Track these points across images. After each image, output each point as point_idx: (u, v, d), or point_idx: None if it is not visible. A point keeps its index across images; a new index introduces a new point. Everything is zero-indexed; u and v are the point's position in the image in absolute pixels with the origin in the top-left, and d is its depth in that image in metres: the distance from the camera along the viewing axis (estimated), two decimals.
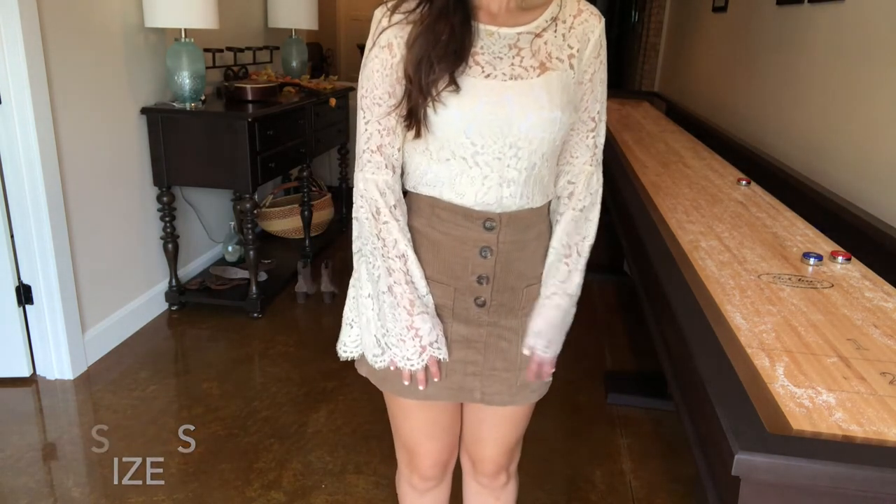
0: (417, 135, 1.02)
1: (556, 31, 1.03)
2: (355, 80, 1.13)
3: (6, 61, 2.14)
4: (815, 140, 2.78)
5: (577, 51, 1.04)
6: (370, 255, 1.08)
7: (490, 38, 1.01)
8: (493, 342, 1.13)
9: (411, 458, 1.28)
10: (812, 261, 1.60)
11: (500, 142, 1.01)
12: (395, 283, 1.05)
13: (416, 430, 1.23)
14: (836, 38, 2.67)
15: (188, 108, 2.78)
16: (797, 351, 1.17)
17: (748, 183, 2.39)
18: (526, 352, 1.12)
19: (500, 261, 1.08)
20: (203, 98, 2.87)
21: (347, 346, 1.20)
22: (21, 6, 2.10)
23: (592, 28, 1.05)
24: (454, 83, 0.98)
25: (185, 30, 2.75)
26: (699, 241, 1.75)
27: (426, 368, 1.09)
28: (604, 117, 1.11)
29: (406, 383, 1.10)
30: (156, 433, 2.16)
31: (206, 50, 3.05)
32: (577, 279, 1.11)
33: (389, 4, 1.03)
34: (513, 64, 1.00)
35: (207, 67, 2.98)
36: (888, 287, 1.48)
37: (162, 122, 2.78)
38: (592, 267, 1.20)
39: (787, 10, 3.20)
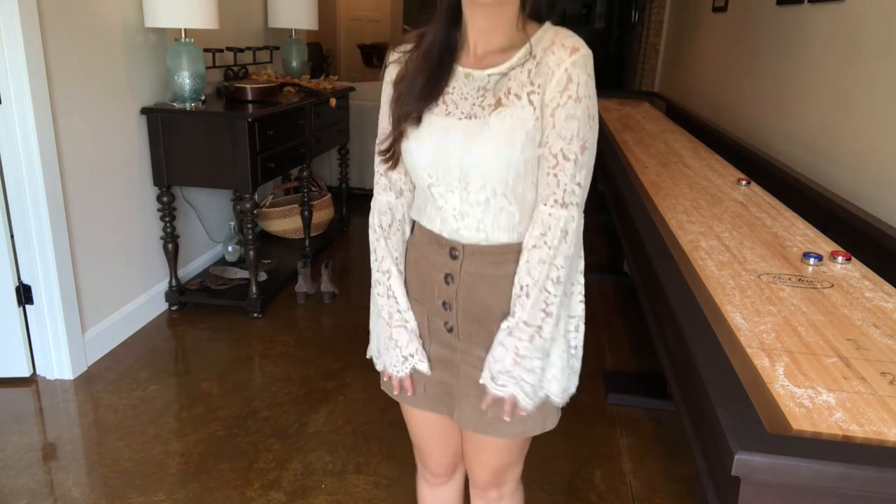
0: (392, 166, 1.13)
1: (523, 66, 1.03)
2: (355, 80, 1.21)
3: (6, 61, 2.14)
4: (814, 140, 2.78)
5: (539, 86, 1.00)
6: (372, 265, 1.19)
7: (466, 79, 1.07)
8: (466, 370, 1.14)
9: (420, 456, 1.37)
10: (812, 261, 1.60)
11: (450, 176, 1.06)
12: (379, 294, 1.17)
13: (418, 431, 1.31)
14: (836, 38, 2.67)
15: (188, 108, 2.78)
16: (797, 351, 1.17)
17: (748, 183, 2.39)
18: (481, 381, 1.10)
19: (461, 290, 1.11)
20: (203, 98, 2.87)
21: (371, 347, 1.30)
22: (21, 6, 2.10)
23: (559, 61, 0.99)
24: (418, 119, 1.06)
25: (185, 30, 2.75)
26: (699, 241, 1.75)
27: (408, 377, 1.18)
28: (575, 158, 1.01)
29: (385, 380, 1.22)
30: (156, 433, 2.17)
31: (206, 50, 3.05)
32: (521, 318, 1.04)
33: (393, 42, 1.15)
34: (474, 104, 1.04)
35: (207, 67, 2.98)
36: (888, 287, 1.48)
37: (162, 122, 2.77)
38: (592, 267, 1.20)
39: (787, 10, 3.20)
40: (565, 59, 0.99)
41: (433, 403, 1.20)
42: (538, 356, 1.06)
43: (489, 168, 1.02)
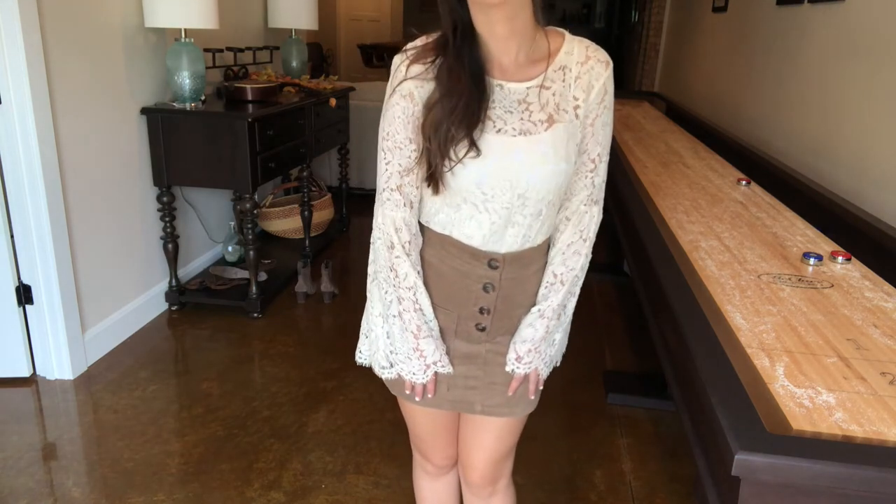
0: (436, 192, 1.07)
1: (563, 80, 1.06)
2: (355, 80, 1.18)
3: (6, 61, 2.14)
4: (815, 140, 2.78)
5: (583, 101, 1.06)
6: (384, 282, 1.15)
7: (501, 91, 1.05)
8: (492, 358, 1.19)
9: (423, 450, 1.39)
10: (812, 261, 1.60)
11: (510, 193, 1.05)
12: (404, 310, 1.13)
13: (423, 430, 1.34)
14: (836, 38, 2.67)
15: (188, 108, 2.78)
16: (797, 351, 1.17)
17: (748, 183, 2.39)
18: (507, 368, 1.17)
19: (500, 295, 1.15)
20: (203, 98, 2.87)
21: (363, 354, 1.30)
22: (21, 6, 2.10)
23: (598, 76, 1.06)
24: (475, 148, 1.01)
25: (185, 30, 2.75)
26: (699, 241, 1.75)
27: (431, 380, 1.19)
28: (605, 158, 1.13)
29: (408, 392, 1.20)
30: (156, 433, 2.16)
31: (206, 50, 3.04)
32: (554, 302, 1.14)
33: (408, 53, 1.07)
34: (522, 118, 1.04)
35: (207, 67, 2.98)
36: (888, 287, 1.48)
37: (162, 122, 2.77)
38: (592, 267, 1.22)
39: (787, 10, 3.20)
40: (602, 73, 1.07)
41: (453, 403, 1.22)
42: (560, 330, 1.18)
43: (550, 183, 1.06)
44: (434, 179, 1.05)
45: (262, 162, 2.88)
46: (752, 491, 0.91)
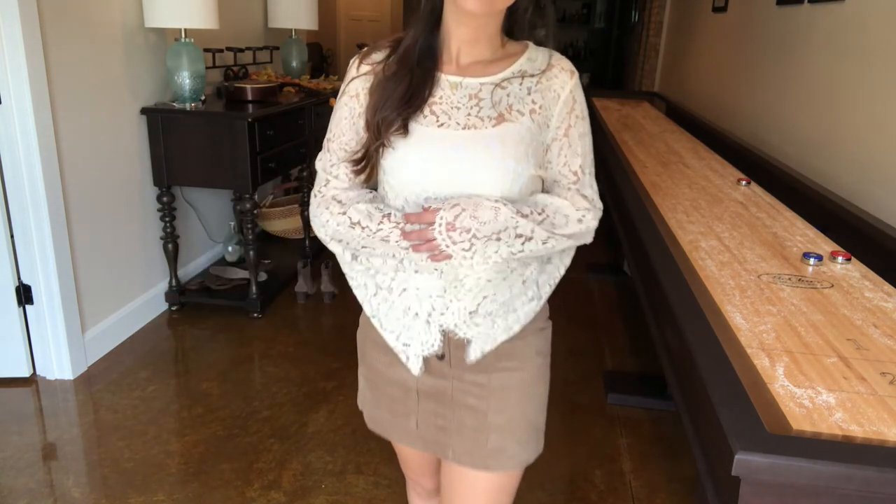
0: (368, 178, 1.05)
1: (521, 83, 1.02)
2: None
3: (6, 61, 2.14)
4: (815, 140, 2.78)
5: (541, 107, 1.01)
6: (340, 226, 1.03)
7: (452, 88, 1.02)
8: (460, 397, 1.09)
9: (412, 477, 1.38)
10: (812, 261, 1.60)
11: (452, 191, 0.98)
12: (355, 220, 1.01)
13: (410, 461, 1.31)
14: (836, 38, 2.67)
15: (188, 108, 2.78)
16: (797, 351, 1.17)
17: (748, 183, 2.39)
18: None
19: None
20: (203, 98, 2.87)
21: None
22: (21, 6, 2.10)
23: (563, 84, 1.03)
24: (404, 127, 0.99)
25: (185, 30, 2.75)
26: (699, 241, 1.75)
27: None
28: (590, 170, 1.05)
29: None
30: (156, 433, 2.17)
31: (206, 50, 3.04)
32: (521, 209, 0.97)
33: (360, 54, 1.07)
34: (469, 114, 1.00)
35: (207, 67, 2.98)
36: (888, 287, 1.48)
37: (162, 122, 2.77)
38: (592, 267, 1.20)
39: (787, 10, 3.20)
40: (568, 81, 1.03)
41: (426, 443, 1.13)
42: (499, 234, 0.95)
43: (496, 181, 0.98)
44: (367, 163, 1.02)
45: (262, 162, 2.88)
46: (752, 491, 0.91)
